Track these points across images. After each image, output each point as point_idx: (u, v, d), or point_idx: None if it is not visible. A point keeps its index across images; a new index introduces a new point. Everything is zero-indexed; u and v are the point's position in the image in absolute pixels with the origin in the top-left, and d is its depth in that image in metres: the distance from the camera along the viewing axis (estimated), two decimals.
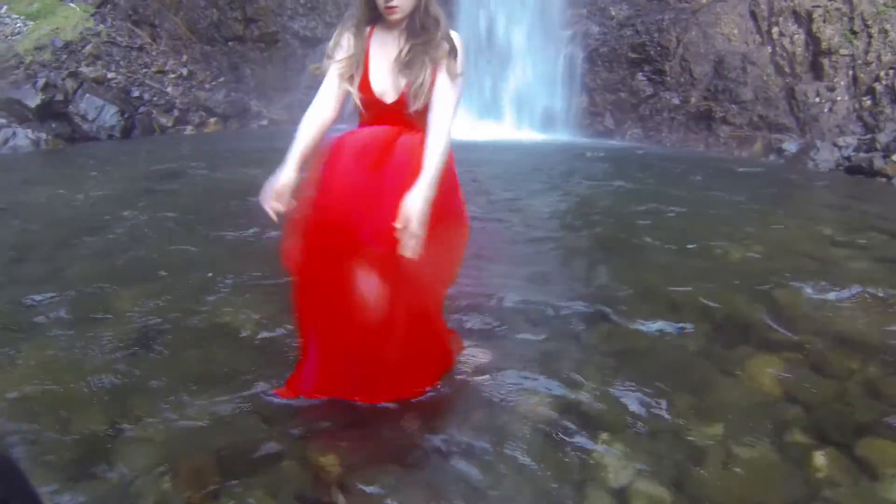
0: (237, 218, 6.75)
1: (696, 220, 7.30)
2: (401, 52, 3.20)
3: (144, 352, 4.10)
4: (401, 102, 3.21)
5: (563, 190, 8.79)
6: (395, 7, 3.09)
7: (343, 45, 3.25)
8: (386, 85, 3.23)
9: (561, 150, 12.33)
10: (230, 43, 15.72)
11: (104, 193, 7.86)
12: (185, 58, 15.12)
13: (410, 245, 2.96)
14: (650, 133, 13.49)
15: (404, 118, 3.24)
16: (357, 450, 3.19)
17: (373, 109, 3.27)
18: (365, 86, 3.23)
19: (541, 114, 14.11)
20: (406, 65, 3.18)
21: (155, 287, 5.03)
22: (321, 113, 3.29)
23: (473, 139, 11.97)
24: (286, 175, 3.21)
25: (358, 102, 3.28)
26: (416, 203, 2.96)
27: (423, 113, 3.20)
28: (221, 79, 15.34)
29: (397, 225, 2.95)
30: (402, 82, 3.19)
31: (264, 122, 14.94)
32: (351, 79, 3.25)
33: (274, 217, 3.21)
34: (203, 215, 6.97)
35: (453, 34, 3.26)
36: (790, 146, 12.02)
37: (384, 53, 3.23)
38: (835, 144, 11.65)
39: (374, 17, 3.23)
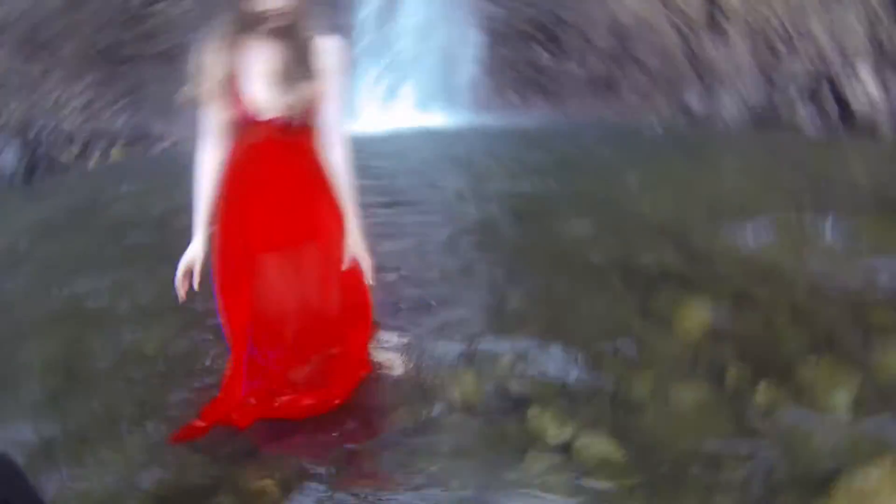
0: (144, 251, 6.67)
1: (607, 184, 7.42)
2: (279, 65, 3.09)
3: (58, 405, 3.97)
4: (281, 119, 3.13)
5: (469, 170, 8.84)
6: (270, 16, 3.00)
7: (212, 66, 3.10)
8: (265, 101, 3.11)
9: (465, 131, 12.37)
10: (130, 63, 15.33)
11: (9, 242, 7.64)
12: (84, 84, 14.72)
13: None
14: (555, 104, 13.57)
15: (284, 132, 3.17)
16: (290, 467, 3.17)
17: (250, 126, 3.17)
18: (244, 103, 3.11)
19: (442, 96, 14.10)
20: (286, 79, 3.08)
21: (69, 329, 4.91)
22: (215, 156, 3.25)
23: (371, 132, 11.92)
24: (196, 248, 3.27)
25: (233, 120, 3.18)
26: (357, 248, 3.38)
27: (303, 122, 3.17)
28: (122, 102, 14.99)
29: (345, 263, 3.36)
30: (283, 97, 3.09)
31: (168, 144, 14.66)
32: (226, 98, 3.12)
33: (182, 295, 3.27)
34: (110, 251, 6.86)
35: (332, 39, 3.20)
36: (695, 103, 12.16)
37: (261, 66, 3.10)
38: (739, 97, 11.81)
39: (247, 26, 3.09)
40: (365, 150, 9.04)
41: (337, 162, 3.31)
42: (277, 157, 3.22)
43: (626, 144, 10.15)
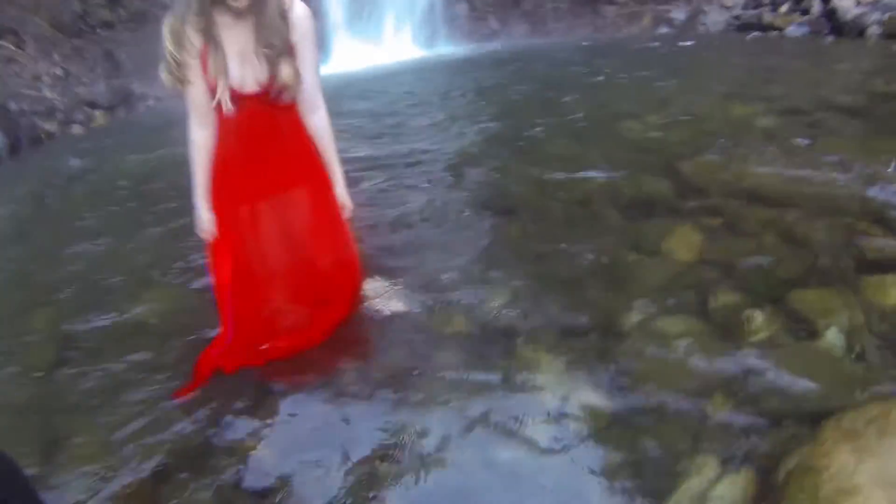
0: (136, 214, 6.62)
1: (593, 105, 7.33)
2: (253, 40, 3.06)
3: (61, 372, 4.01)
4: (263, 92, 3.13)
5: (450, 104, 8.75)
6: None
7: (186, 44, 3.03)
8: (244, 76, 3.10)
9: (446, 62, 12.21)
10: (99, 31, 15.20)
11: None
12: (56, 57, 14.58)
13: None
14: (537, 27, 13.44)
15: (266, 103, 3.18)
16: (282, 427, 3.20)
17: (232, 102, 3.14)
18: (223, 82, 3.06)
19: (421, 29, 13.93)
20: (262, 54, 3.06)
21: (64, 301, 4.91)
22: (205, 134, 3.28)
23: (353, 69, 11.79)
24: (205, 218, 3.40)
25: (217, 100, 3.13)
26: (342, 196, 3.56)
27: (281, 93, 3.17)
28: (98, 69, 14.86)
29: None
30: (261, 71, 3.08)
31: (150, 103, 14.55)
32: (201, 76, 3.08)
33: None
34: (102, 217, 6.80)
35: (299, 7, 3.16)
36: (678, 14, 12.05)
37: (235, 42, 3.06)
38: (722, 5, 11.69)
39: (214, 3, 3.00)
40: (345, 92, 9.02)
41: (319, 124, 3.43)
42: (260, 128, 3.25)
43: (614, 60, 10.02)
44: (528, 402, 3.06)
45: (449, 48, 13.45)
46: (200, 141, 3.28)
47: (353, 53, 13.33)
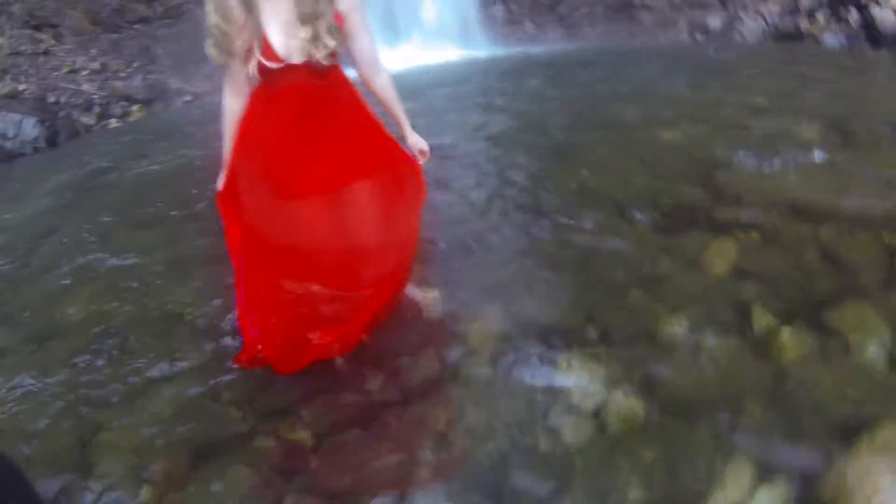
0: (171, 207, 6.67)
1: (631, 112, 7.28)
2: (296, 10, 3.01)
3: (101, 358, 4.07)
4: (309, 61, 3.08)
5: (493, 105, 8.69)
6: None
7: (230, 16, 3.00)
8: (289, 46, 3.04)
9: (483, 64, 12.20)
10: (136, 26, 15.33)
11: (36, 208, 7.70)
12: (93, 51, 14.71)
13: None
14: (572, 31, 13.41)
15: (313, 72, 3.13)
16: (324, 419, 3.23)
17: (276, 72, 3.10)
18: (269, 53, 3.03)
19: (458, 30, 13.94)
20: (306, 20, 3.00)
21: (100, 292, 4.96)
22: (239, 102, 3.30)
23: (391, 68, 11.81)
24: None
25: (260, 70, 3.10)
26: (417, 141, 3.59)
27: (331, 57, 3.12)
28: (135, 64, 14.97)
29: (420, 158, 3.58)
30: (306, 42, 3.02)
31: (188, 98, 14.63)
32: (250, 50, 3.05)
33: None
34: (138, 210, 6.86)
35: None
36: (715, 22, 11.99)
37: (276, 11, 3.01)
38: (758, 14, 11.62)
39: None
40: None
41: (383, 86, 3.41)
42: (309, 101, 3.20)
43: (651, 66, 9.99)
44: (561, 402, 3.09)
45: (484, 50, 13.43)
46: (234, 108, 3.32)
47: (387, 53, 13.36)
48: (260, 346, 3.45)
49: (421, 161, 3.60)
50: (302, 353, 3.46)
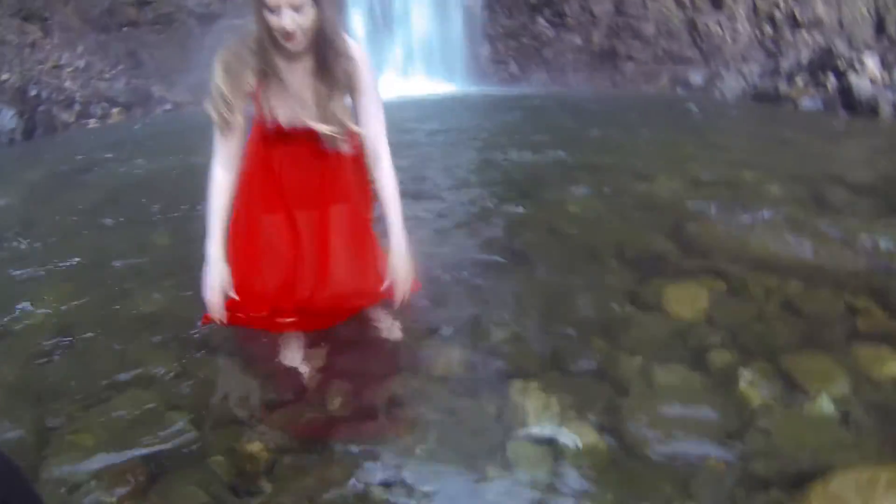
0: (144, 213, 6.70)
1: (606, 159, 7.42)
2: (309, 81, 3.01)
3: (64, 354, 4.05)
4: (314, 132, 3.06)
5: (471, 143, 8.82)
6: (293, 34, 2.83)
7: (240, 83, 2.97)
8: (296, 117, 3.03)
9: (466, 101, 12.32)
10: (125, 28, 15.33)
11: (8, 202, 7.65)
12: (80, 49, 14.67)
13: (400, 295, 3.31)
14: (555, 76, 13.59)
15: (316, 144, 3.13)
16: (282, 434, 3.20)
17: (281, 135, 3.10)
18: (274, 118, 3.03)
19: (443, 66, 14.07)
20: (318, 102, 3.02)
21: (66, 291, 4.92)
22: (230, 177, 3.15)
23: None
24: (217, 270, 3.16)
25: (258, 134, 3.13)
26: (399, 262, 3.27)
27: (339, 140, 3.11)
28: (120, 66, 14.95)
29: (385, 284, 3.30)
30: (316, 116, 3.02)
31: (168, 107, 14.62)
32: (254, 111, 3.05)
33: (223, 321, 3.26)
34: (111, 212, 6.84)
35: (354, 47, 3.10)
36: (696, 77, 12.22)
37: (290, 85, 3.00)
38: (739, 73, 11.85)
39: (271, 44, 2.92)
40: None
41: (381, 178, 3.24)
42: (305, 163, 3.20)
43: (630, 116, 10.15)
44: (522, 438, 3.09)
45: (467, 87, 13.57)
46: (224, 184, 3.12)
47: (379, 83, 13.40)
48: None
49: (393, 292, 3.32)
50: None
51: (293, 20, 2.77)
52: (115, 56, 15.11)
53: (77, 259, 5.54)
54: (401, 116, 10.24)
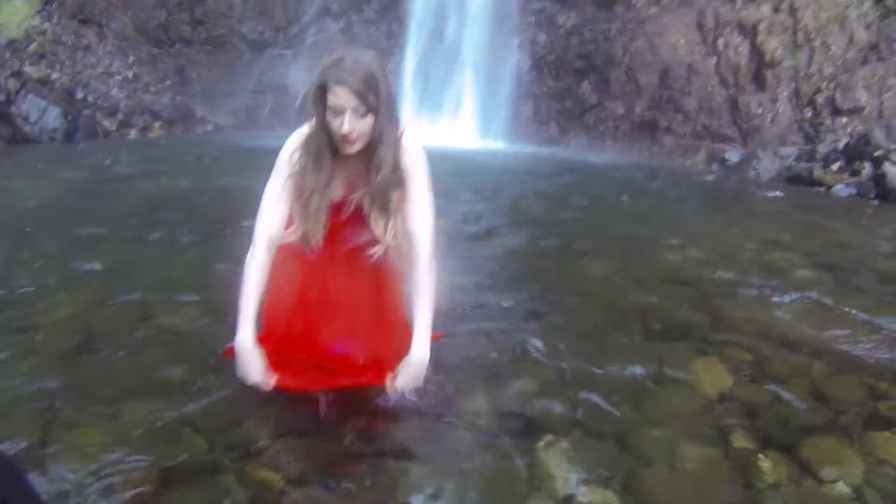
0: (176, 228, 6.71)
1: (639, 229, 7.40)
2: (361, 174, 2.99)
3: (81, 359, 4.02)
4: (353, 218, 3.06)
5: (505, 201, 8.83)
6: (353, 140, 2.83)
7: (299, 166, 2.98)
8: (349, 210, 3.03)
9: (504, 158, 12.42)
10: (177, 45, 15.58)
11: (43, 199, 7.73)
12: (131, 59, 14.91)
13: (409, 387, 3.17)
14: (594, 142, 13.64)
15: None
16: (296, 464, 3.14)
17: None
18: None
19: (486, 120, 14.19)
20: (372, 203, 3.00)
21: (92, 293, 4.94)
22: (269, 255, 3.07)
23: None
24: (248, 360, 3.04)
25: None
26: (415, 368, 3.09)
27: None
28: (167, 82, 15.16)
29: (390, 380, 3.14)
30: (366, 210, 3.01)
31: (209, 128, 14.81)
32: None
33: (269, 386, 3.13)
34: (142, 223, 6.90)
35: (412, 144, 3.08)
36: (733, 156, 12.24)
37: (345, 183, 3.02)
38: (776, 154, 11.88)
39: (328, 145, 2.91)
40: None
41: (417, 278, 3.11)
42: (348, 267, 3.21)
43: (665, 189, 10.19)
44: (538, 488, 3.07)
45: (505, 145, 13.67)
46: (263, 259, 3.03)
47: (421, 131, 13.47)
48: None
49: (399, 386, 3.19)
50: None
51: (353, 125, 2.78)
52: (164, 71, 15.33)
53: (103, 265, 5.56)
54: (438, 168, 10.30)
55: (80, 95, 13.29)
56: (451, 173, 10.00)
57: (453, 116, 14.47)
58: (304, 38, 15.56)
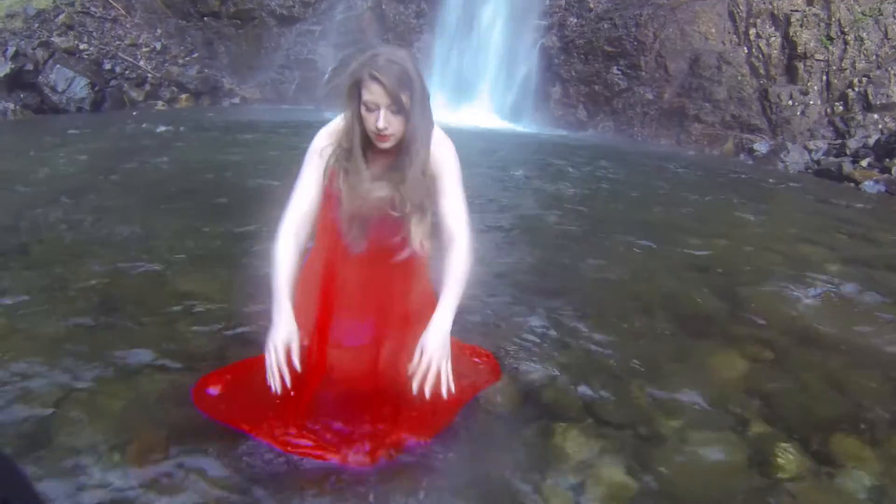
0: (205, 200, 6.75)
1: (665, 217, 7.36)
2: (396, 173, 2.93)
3: (104, 323, 4.06)
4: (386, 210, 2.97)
5: (533, 184, 8.82)
6: (388, 135, 2.80)
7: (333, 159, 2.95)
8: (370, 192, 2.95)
9: (532, 140, 12.36)
10: (205, 18, 15.60)
11: (71, 167, 7.78)
12: (159, 31, 14.95)
13: (429, 379, 2.78)
14: (622, 127, 13.58)
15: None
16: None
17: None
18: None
19: (514, 102, 14.14)
20: (406, 203, 2.93)
21: (117, 261, 4.98)
22: (295, 254, 2.98)
23: (445, 123, 11.96)
24: (287, 329, 2.88)
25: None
26: (436, 338, 2.86)
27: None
28: (195, 54, 15.20)
29: (412, 363, 2.82)
30: (397, 197, 2.94)
31: (236, 100, 14.85)
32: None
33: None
34: (169, 191, 6.93)
35: (442, 138, 3.05)
36: (761, 147, 12.13)
37: (378, 173, 2.95)
38: (805, 147, 11.78)
39: (362, 139, 2.88)
40: None
41: (450, 261, 3.00)
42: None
43: (692, 177, 10.13)
44: (554, 470, 3.08)
45: (532, 128, 13.63)
46: (290, 261, 2.95)
47: (450, 111, 13.48)
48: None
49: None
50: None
51: (388, 121, 2.76)
52: (192, 44, 15.37)
53: (125, 233, 5.60)
54: (468, 147, 10.29)
55: (107, 66, 13.35)
56: (480, 152, 10.00)
57: (480, 96, 14.43)
58: (333, 15, 15.48)
